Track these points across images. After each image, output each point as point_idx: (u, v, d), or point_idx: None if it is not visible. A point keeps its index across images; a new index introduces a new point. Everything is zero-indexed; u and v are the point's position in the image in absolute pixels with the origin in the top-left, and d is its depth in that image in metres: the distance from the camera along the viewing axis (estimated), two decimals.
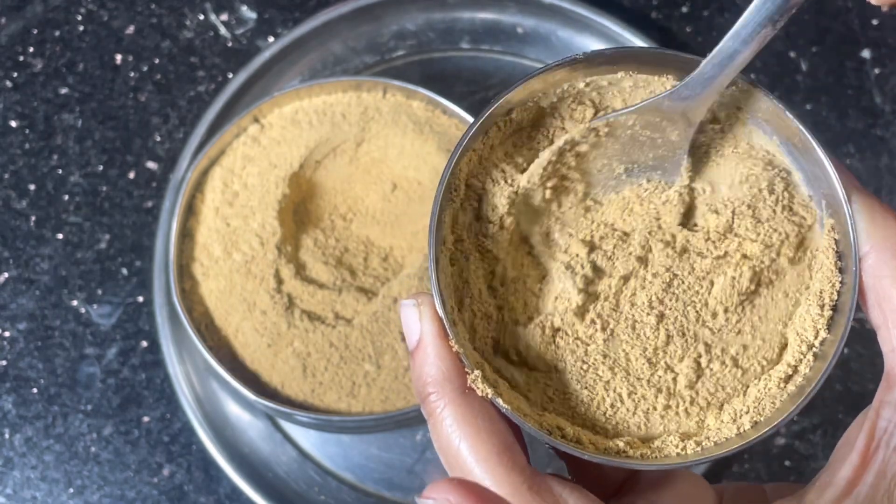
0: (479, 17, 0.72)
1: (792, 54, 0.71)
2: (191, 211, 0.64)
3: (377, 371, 0.61)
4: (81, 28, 0.72)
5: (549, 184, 0.38)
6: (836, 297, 0.37)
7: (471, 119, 0.64)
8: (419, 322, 0.35)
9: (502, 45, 0.71)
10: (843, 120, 0.70)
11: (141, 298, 0.67)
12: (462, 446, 0.34)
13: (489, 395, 0.35)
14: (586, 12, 0.69)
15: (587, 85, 0.39)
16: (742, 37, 0.36)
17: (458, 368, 0.35)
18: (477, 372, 0.35)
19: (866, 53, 0.71)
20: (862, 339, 0.64)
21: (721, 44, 0.36)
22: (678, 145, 0.38)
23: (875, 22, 0.71)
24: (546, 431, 0.35)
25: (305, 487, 0.64)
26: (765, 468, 0.65)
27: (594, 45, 0.70)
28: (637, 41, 0.68)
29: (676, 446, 0.36)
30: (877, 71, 0.70)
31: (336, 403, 0.61)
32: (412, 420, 0.62)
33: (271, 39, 0.71)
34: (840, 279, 0.37)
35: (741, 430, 0.37)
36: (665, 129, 0.38)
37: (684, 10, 0.72)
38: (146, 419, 0.65)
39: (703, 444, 0.36)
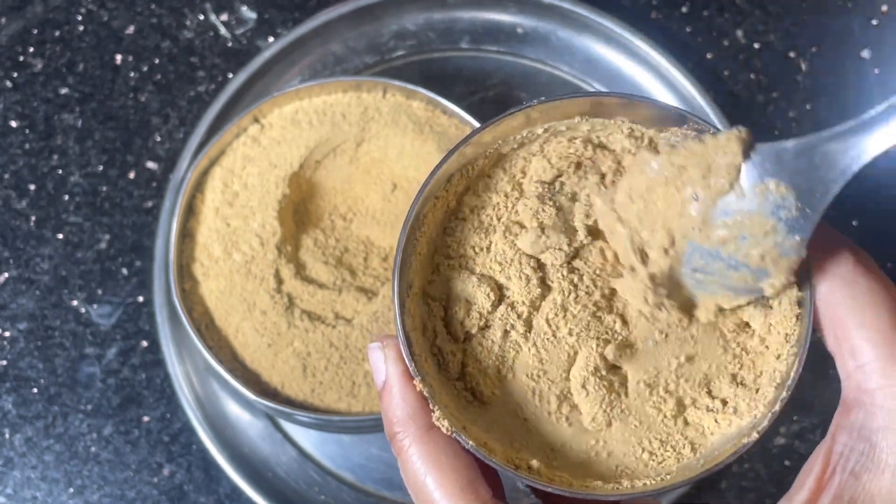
0: (479, 17, 0.72)
1: (792, 54, 0.71)
2: (191, 211, 0.64)
3: None
4: (81, 28, 0.72)
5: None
6: (793, 328, 0.37)
7: (471, 119, 0.64)
8: (384, 364, 0.37)
9: (502, 45, 0.71)
10: (843, 120, 0.70)
11: (141, 298, 0.67)
12: (427, 482, 0.36)
13: (453, 433, 0.36)
14: (586, 12, 0.69)
15: (545, 130, 0.39)
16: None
17: (424, 407, 0.36)
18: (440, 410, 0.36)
19: (866, 53, 0.71)
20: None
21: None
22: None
23: (875, 22, 0.71)
24: (513, 466, 0.36)
25: (305, 487, 0.64)
26: (764, 468, 0.65)
27: (594, 45, 0.70)
28: (637, 41, 0.68)
29: (643, 479, 0.37)
30: (877, 71, 0.70)
31: (336, 403, 0.61)
32: None
33: (271, 39, 0.71)
34: (798, 311, 0.37)
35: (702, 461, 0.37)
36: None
37: (684, 10, 0.72)
38: (146, 419, 0.65)
39: (668, 475, 0.37)
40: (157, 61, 0.71)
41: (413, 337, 0.37)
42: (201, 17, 0.72)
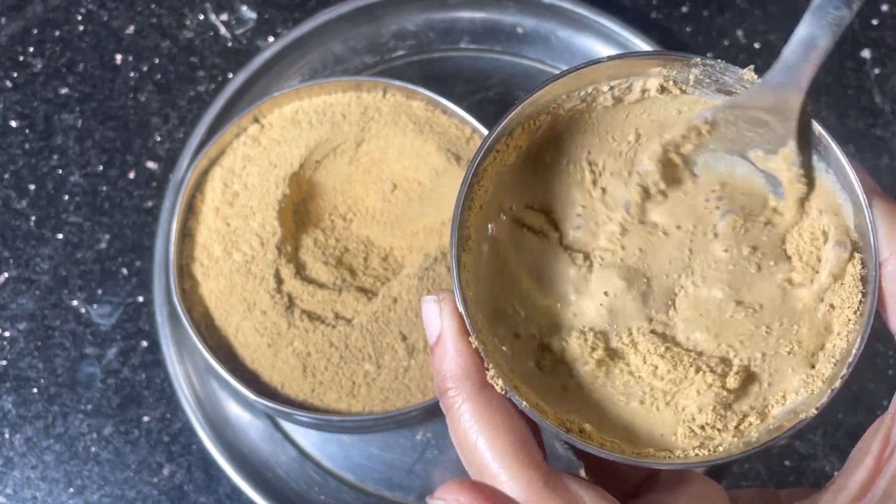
0: (479, 17, 0.72)
1: None
2: (191, 211, 0.64)
3: (377, 371, 0.61)
4: (81, 28, 0.72)
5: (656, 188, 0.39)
6: (857, 305, 0.37)
7: (471, 119, 0.64)
8: (439, 318, 0.36)
9: (502, 45, 0.71)
10: (843, 120, 0.70)
11: (141, 298, 0.67)
12: (479, 442, 0.34)
13: (507, 392, 0.35)
14: (586, 12, 0.69)
15: (611, 88, 0.39)
16: (818, 21, 0.35)
17: (478, 364, 0.35)
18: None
19: (866, 53, 0.71)
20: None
21: (797, 30, 0.36)
22: (783, 138, 0.38)
23: (875, 22, 0.71)
24: (564, 429, 0.36)
25: (305, 487, 0.64)
26: (764, 468, 0.65)
27: (594, 45, 0.70)
28: (637, 41, 0.68)
29: (694, 448, 0.36)
30: (877, 71, 0.70)
31: (336, 403, 0.61)
32: (412, 420, 0.62)
33: (271, 39, 0.71)
34: (862, 288, 0.37)
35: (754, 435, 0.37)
36: (768, 122, 0.37)
37: (684, 10, 0.72)
38: (146, 419, 0.65)
39: (720, 446, 0.37)
40: (157, 61, 0.71)
41: (468, 293, 0.36)
42: (201, 17, 0.72)
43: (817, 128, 0.37)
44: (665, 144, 0.38)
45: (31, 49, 0.72)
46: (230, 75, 0.70)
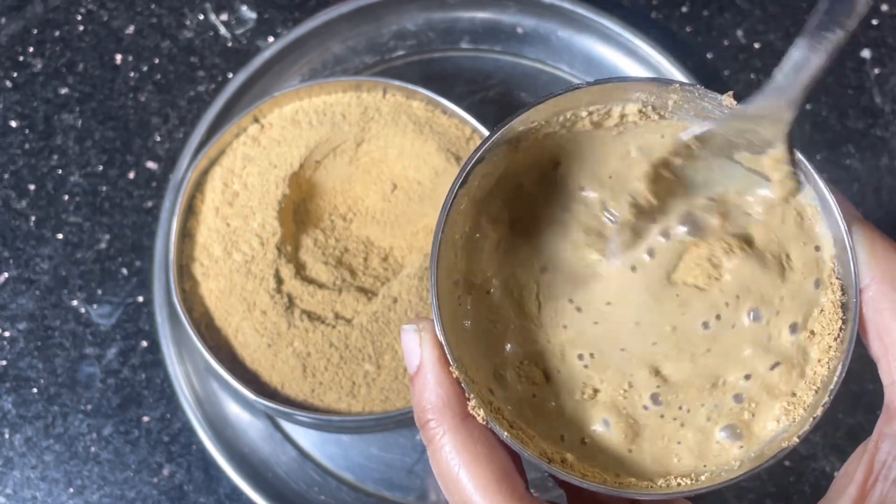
0: (479, 17, 0.72)
1: None
2: (191, 211, 0.64)
3: (377, 371, 0.61)
4: (81, 28, 0.72)
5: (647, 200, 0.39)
6: (837, 332, 0.37)
7: (471, 119, 0.64)
8: (419, 347, 0.35)
9: (502, 45, 0.71)
10: (843, 120, 0.70)
11: (141, 298, 0.67)
12: (461, 474, 0.34)
13: (489, 422, 0.35)
14: (586, 12, 0.69)
15: (589, 114, 0.39)
16: (812, 44, 0.35)
17: (459, 395, 0.35)
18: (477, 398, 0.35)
19: (866, 53, 0.71)
20: (860, 340, 0.64)
21: (791, 52, 0.35)
22: (772, 141, 0.37)
23: (875, 22, 0.71)
24: (546, 459, 0.35)
25: (305, 487, 0.64)
26: (764, 468, 0.65)
27: (594, 45, 0.70)
28: (637, 41, 0.68)
29: (677, 478, 0.36)
30: (877, 71, 0.70)
31: (336, 403, 0.61)
32: (412, 420, 0.62)
33: (271, 39, 0.71)
34: (842, 315, 0.37)
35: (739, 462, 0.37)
36: (756, 130, 0.37)
37: (684, 10, 0.72)
38: (146, 419, 0.65)
39: (702, 476, 0.37)
40: (157, 61, 0.71)
41: (447, 321, 0.36)
42: (201, 17, 0.72)
43: (797, 154, 0.37)
44: (655, 164, 0.38)
45: (31, 49, 0.72)
46: (230, 75, 0.70)
